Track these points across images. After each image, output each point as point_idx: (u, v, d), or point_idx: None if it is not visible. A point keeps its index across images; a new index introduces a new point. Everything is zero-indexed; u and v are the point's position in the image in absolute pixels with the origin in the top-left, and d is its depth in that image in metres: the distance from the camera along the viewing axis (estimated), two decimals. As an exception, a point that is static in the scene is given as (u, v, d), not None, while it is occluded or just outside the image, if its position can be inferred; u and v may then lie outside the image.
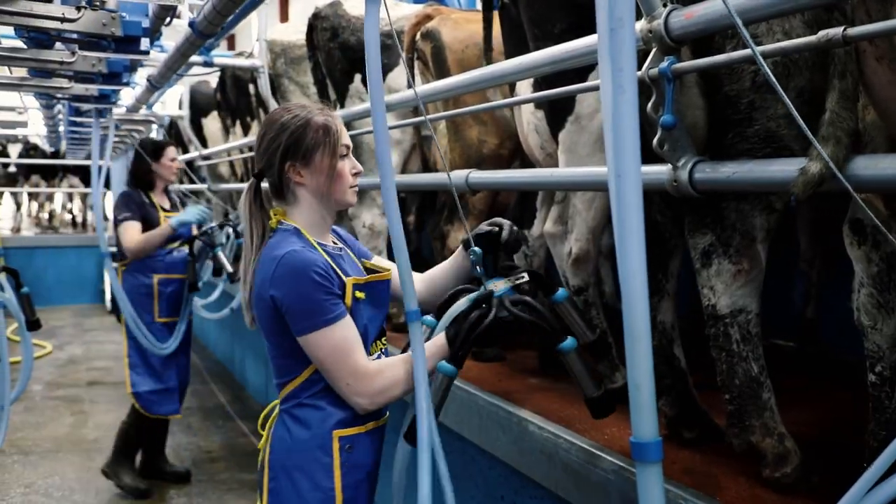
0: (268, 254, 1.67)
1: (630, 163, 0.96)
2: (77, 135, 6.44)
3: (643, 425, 0.99)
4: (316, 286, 1.60)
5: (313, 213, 1.74)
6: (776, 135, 1.65)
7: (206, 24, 2.81)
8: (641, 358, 0.99)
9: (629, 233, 0.97)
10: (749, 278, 1.75)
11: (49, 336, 9.19)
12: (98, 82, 3.16)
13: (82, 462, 5.05)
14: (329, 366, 1.62)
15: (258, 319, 1.71)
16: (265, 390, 6.26)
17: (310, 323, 1.60)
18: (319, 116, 1.72)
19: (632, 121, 0.96)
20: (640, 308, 0.98)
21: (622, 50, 0.94)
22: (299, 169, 1.70)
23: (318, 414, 1.68)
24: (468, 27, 3.20)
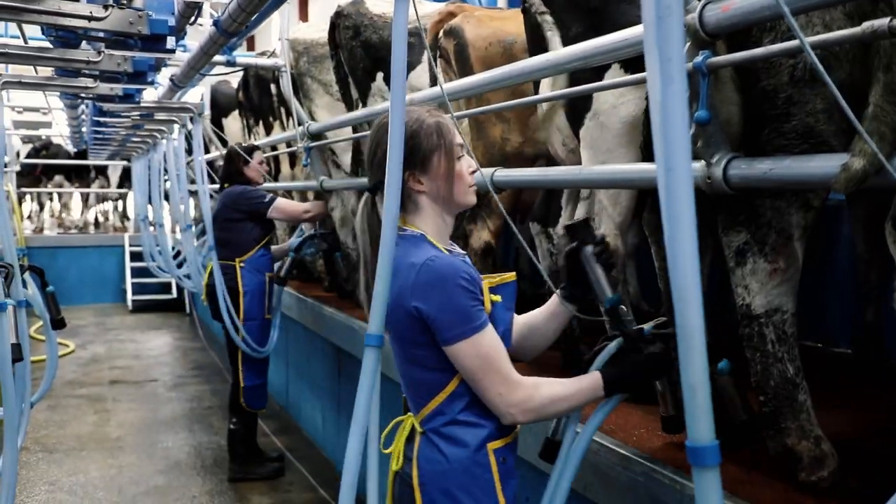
0: (400, 262, 1.58)
1: (681, 156, 0.93)
2: (100, 135, 6.49)
3: (699, 428, 0.95)
4: (464, 292, 1.55)
5: (436, 219, 1.69)
6: (814, 130, 1.61)
7: (230, 23, 2.81)
8: (696, 358, 0.96)
9: (680, 230, 0.93)
10: (785, 277, 1.72)
11: (72, 335, 9.26)
12: (123, 81, 3.17)
13: (105, 460, 5.08)
14: (480, 376, 1.55)
15: (394, 332, 1.63)
16: (286, 389, 6.28)
17: (459, 331, 1.53)
18: (430, 118, 1.67)
19: (681, 112, 0.93)
20: (694, 307, 0.94)
21: (670, 39, 0.90)
22: (418, 177, 1.65)
23: (470, 430, 1.61)
24: (491, 24, 3.17)
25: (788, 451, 1.74)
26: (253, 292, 4.45)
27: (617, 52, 2.02)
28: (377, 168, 1.64)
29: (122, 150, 8.66)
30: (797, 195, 1.69)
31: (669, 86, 0.92)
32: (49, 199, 14.22)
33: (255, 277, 4.45)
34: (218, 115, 7.20)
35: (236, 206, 4.37)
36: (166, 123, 5.56)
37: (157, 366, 7.90)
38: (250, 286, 4.43)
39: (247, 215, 4.35)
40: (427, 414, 1.62)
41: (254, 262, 4.46)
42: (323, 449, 5.22)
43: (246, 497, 4.50)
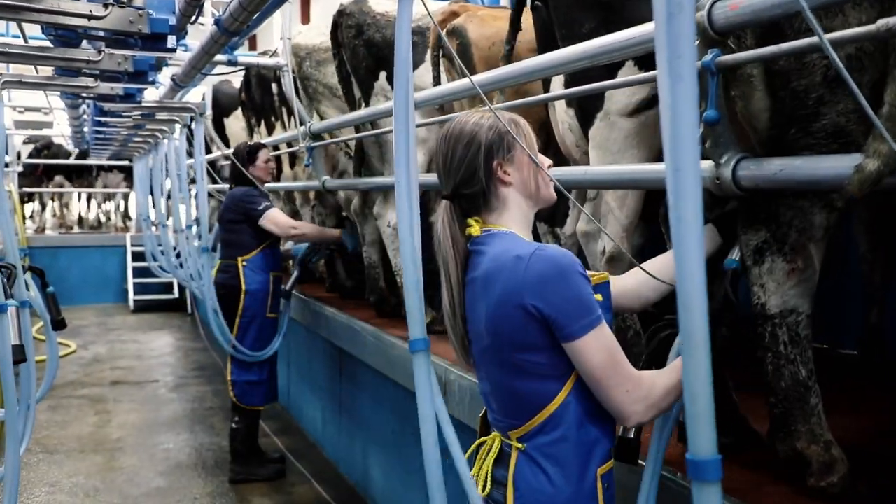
0: (503, 258, 1.47)
1: (689, 156, 0.91)
2: (102, 135, 6.47)
3: (700, 441, 0.92)
4: (584, 281, 1.42)
5: (523, 216, 1.59)
6: (844, 130, 1.58)
7: (232, 22, 2.78)
8: (699, 366, 0.93)
9: (687, 232, 0.91)
10: (802, 278, 1.69)
11: (73, 335, 9.25)
12: (124, 81, 3.15)
13: (105, 462, 5.06)
14: (607, 371, 1.41)
15: (494, 336, 1.49)
16: (287, 390, 6.25)
17: (587, 321, 1.40)
18: (503, 113, 1.60)
19: (691, 111, 0.90)
20: (698, 312, 0.92)
21: (681, 36, 0.88)
22: (506, 166, 1.55)
23: (581, 450, 1.46)
24: (495, 24, 3.14)
25: (798, 454, 1.71)
26: (254, 292, 4.45)
27: (625, 49, 1.98)
28: (457, 168, 1.56)
29: (123, 149, 8.65)
30: (820, 195, 1.65)
31: (679, 83, 0.89)
32: (51, 199, 14.22)
33: (258, 276, 4.45)
34: (219, 115, 7.18)
35: (236, 208, 4.38)
36: (168, 123, 5.54)
37: (158, 366, 7.88)
38: (252, 285, 4.42)
39: (244, 217, 4.35)
40: (531, 429, 1.47)
41: (256, 262, 4.46)
42: (324, 449, 5.20)
43: (247, 498, 4.48)
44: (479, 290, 1.53)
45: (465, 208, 1.60)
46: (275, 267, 4.56)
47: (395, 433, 3.98)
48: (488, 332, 1.51)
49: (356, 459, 4.56)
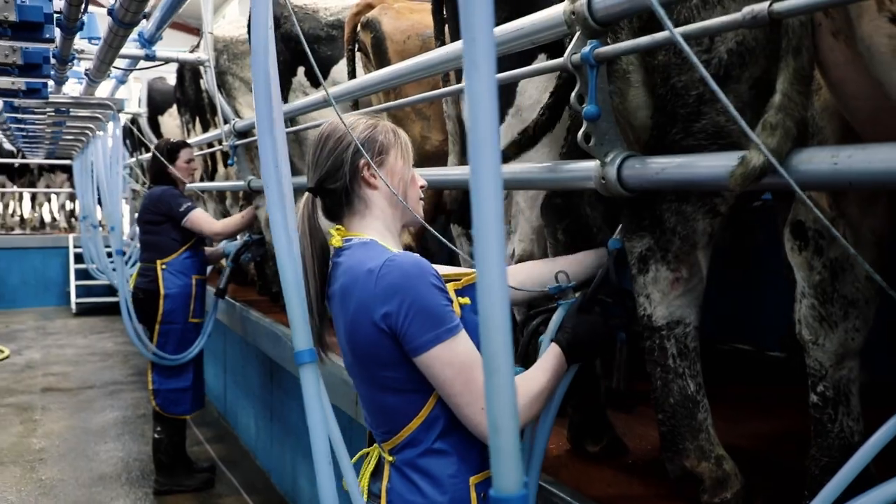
0: (356, 270, 1.40)
1: (487, 158, 0.78)
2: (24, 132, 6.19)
3: (504, 477, 0.80)
4: (434, 291, 1.33)
5: (386, 222, 1.52)
6: (725, 130, 1.49)
7: (124, 13, 2.61)
8: (503, 393, 0.81)
9: (487, 241, 0.79)
10: (688, 287, 1.59)
11: (9, 340, 8.93)
12: (15, 74, 2.95)
13: (23, 474, 4.83)
14: (458, 388, 1.32)
15: (356, 353, 1.42)
16: (224, 396, 6.07)
17: (433, 335, 1.31)
18: (385, 122, 1.56)
19: (489, 104, 0.78)
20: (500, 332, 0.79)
21: (475, 16, 0.76)
22: (372, 170, 1.49)
23: (449, 462, 1.40)
24: (411, 17, 3.02)
25: (687, 473, 1.61)
26: (174, 296, 4.26)
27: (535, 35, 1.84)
28: (324, 161, 1.51)
29: (57, 148, 8.33)
30: (703, 200, 1.56)
31: (474, 72, 0.77)
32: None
33: (178, 280, 4.25)
34: (154, 113, 6.95)
35: (156, 209, 4.18)
36: (93, 121, 5.31)
37: (95, 372, 7.61)
38: (171, 289, 4.23)
39: (166, 218, 4.15)
40: (399, 443, 1.42)
41: (177, 265, 4.27)
42: (256, 458, 5.03)
43: (162, 511, 4.30)
44: (338, 306, 1.47)
45: (327, 206, 1.55)
46: (197, 270, 4.36)
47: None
48: (349, 349, 1.45)
49: (286, 469, 4.41)
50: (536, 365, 1.47)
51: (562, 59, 1.59)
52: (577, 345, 1.48)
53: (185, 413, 4.47)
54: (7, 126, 6.28)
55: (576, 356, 1.49)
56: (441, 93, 2.33)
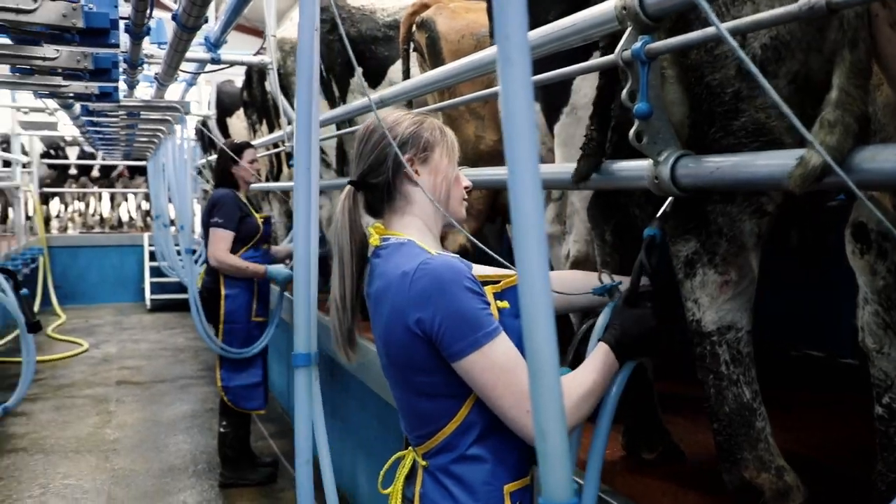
0: (391, 273, 1.37)
1: (525, 157, 0.76)
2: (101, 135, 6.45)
3: (554, 484, 0.78)
4: (469, 295, 1.30)
5: (427, 221, 1.49)
6: (766, 127, 1.42)
7: (187, 17, 2.68)
8: (549, 395, 0.79)
9: (527, 239, 0.77)
10: (738, 290, 1.52)
11: (88, 334, 9.33)
12: (86, 79, 3.07)
13: (99, 463, 5.04)
14: (500, 391, 1.28)
15: (391, 357, 1.41)
16: (287, 392, 6.18)
17: (470, 340, 1.28)
18: (433, 119, 1.54)
19: (525, 102, 0.76)
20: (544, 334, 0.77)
21: (508, 11, 0.74)
22: (417, 165, 1.48)
23: (484, 469, 1.36)
24: (466, 17, 3.01)
25: (746, 484, 1.55)
26: (235, 296, 4.34)
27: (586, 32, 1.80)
28: (368, 154, 1.49)
29: (131, 150, 8.66)
30: (749, 200, 1.49)
31: (509, 67, 0.75)
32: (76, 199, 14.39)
33: (240, 280, 4.33)
34: (223, 115, 7.13)
35: (211, 212, 4.27)
36: (163, 123, 5.48)
37: (166, 366, 7.88)
38: (232, 289, 4.32)
39: None
40: (433, 447, 1.40)
41: None
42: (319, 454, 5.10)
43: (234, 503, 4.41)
44: (374, 308, 1.46)
45: (369, 201, 1.53)
46: None
47: (377, 439, 3.87)
48: (384, 354, 1.44)
49: (345, 466, 4.46)
50: (584, 364, 1.42)
51: (612, 55, 1.54)
52: (626, 340, 1.40)
53: (258, 408, 4.57)
54: (86, 129, 6.55)
55: (626, 353, 1.41)
56: (494, 91, 2.30)
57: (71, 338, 9.03)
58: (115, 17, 2.32)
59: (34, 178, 11.08)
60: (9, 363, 7.17)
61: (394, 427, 3.77)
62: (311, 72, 1.52)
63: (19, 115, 8.77)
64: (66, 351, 8.39)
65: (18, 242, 10.11)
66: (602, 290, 1.56)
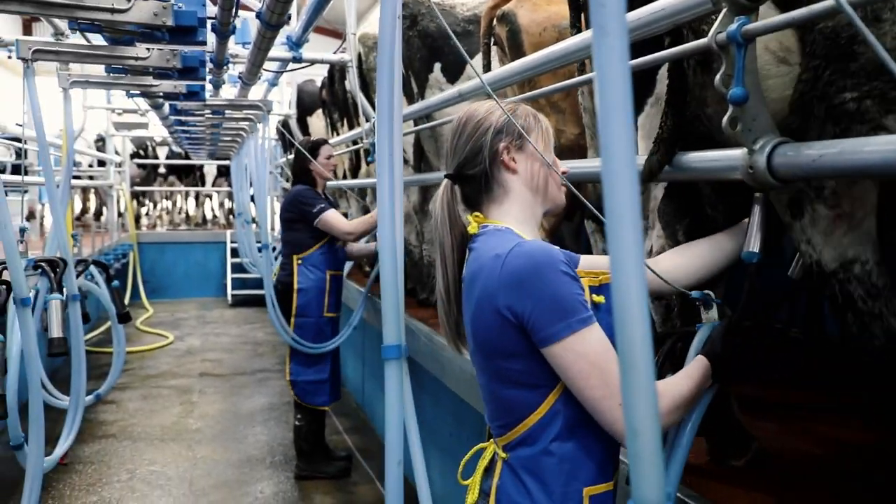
0: (484, 256, 1.35)
1: (619, 133, 0.72)
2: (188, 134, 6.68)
3: (645, 486, 0.74)
4: (565, 279, 1.26)
5: (525, 211, 1.46)
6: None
7: (270, 14, 2.73)
8: (641, 392, 0.74)
9: (621, 230, 0.73)
10: (853, 223, 1.42)
11: (174, 327, 9.68)
12: (174, 78, 3.17)
13: (182, 451, 5.20)
14: (594, 381, 1.23)
15: (477, 342, 1.38)
16: (361, 388, 6.25)
17: (564, 324, 1.24)
18: (526, 106, 1.53)
19: (621, 76, 0.72)
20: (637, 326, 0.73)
21: None
22: (514, 153, 1.46)
23: (564, 467, 1.32)
24: (548, 9, 2.96)
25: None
26: (308, 290, 4.41)
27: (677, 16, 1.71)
28: (462, 146, 1.48)
29: (216, 148, 8.95)
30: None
31: (602, 38, 0.71)
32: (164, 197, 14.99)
33: (312, 274, 4.41)
34: (303, 114, 7.28)
35: (293, 208, 4.36)
36: (246, 122, 5.63)
37: (246, 359, 8.09)
38: (305, 283, 4.39)
39: (300, 217, 4.33)
40: (514, 439, 1.36)
41: (312, 260, 4.42)
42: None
43: (309, 496, 4.48)
44: (467, 292, 1.43)
45: (466, 194, 1.51)
46: (333, 265, 4.49)
47: (452, 436, 3.86)
48: (473, 339, 1.42)
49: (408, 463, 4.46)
50: (682, 372, 1.37)
51: (705, 39, 1.48)
52: (730, 364, 1.36)
53: (323, 404, 4.61)
54: (174, 128, 6.80)
55: (724, 375, 1.37)
56: (575, 82, 2.24)
57: (158, 330, 9.39)
58: (203, 15, 2.38)
59: (126, 177, 11.58)
60: (101, 353, 7.50)
61: (469, 424, 3.75)
62: (392, 62, 1.51)
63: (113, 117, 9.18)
64: (153, 343, 8.73)
65: (111, 239, 10.58)
66: (701, 296, 1.51)
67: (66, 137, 3.51)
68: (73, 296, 2.97)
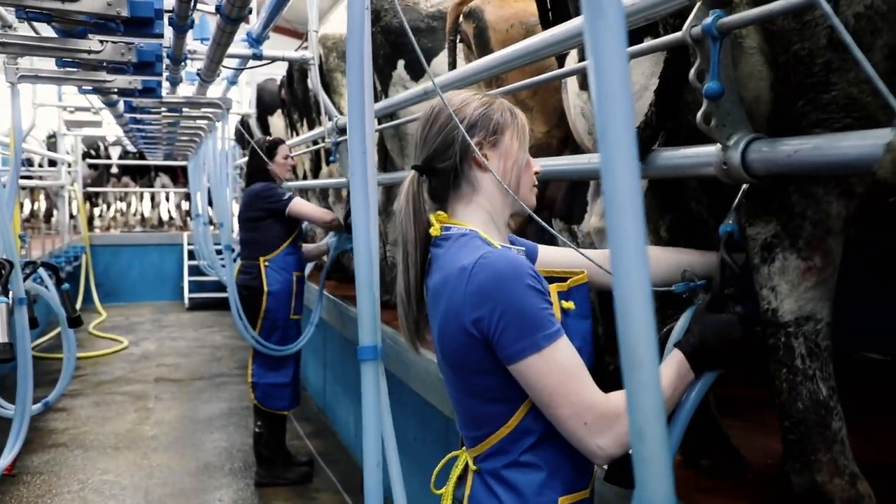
0: (449, 267, 1.29)
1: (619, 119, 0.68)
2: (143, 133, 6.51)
3: (653, 490, 0.70)
4: (531, 293, 1.22)
5: (494, 210, 1.40)
6: (858, 102, 1.32)
7: (231, 8, 2.65)
8: (647, 392, 0.70)
9: (622, 220, 0.69)
10: (821, 278, 1.42)
11: (128, 331, 9.44)
12: (130, 73, 3.06)
13: (137, 459, 5.05)
14: (558, 399, 1.19)
15: (446, 356, 1.33)
16: (323, 391, 6.16)
17: (529, 342, 1.20)
18: (503, 100, 1.46)
19: (618, 60, 0.68)
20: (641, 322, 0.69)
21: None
22: (486, 149, 1.39)
23: (536, 477, 1.28)
24: (514, 5, 2.93)
25: (817, 489, 1.45)
26: (277, 292, 4.33)
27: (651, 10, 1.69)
28: (433, 138, 1.40)
29: (172, 149, 8.75)
30: (837, 180, 1.39)
31: (600, 21, 0.67)
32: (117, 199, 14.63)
33: (280, 276, 4.32)
34: (264, 113, 7.15)
35: (257, 205, 4.27)
36: (204, 120, 5.50)
37: (204, 364, 7.92)
38: (275, 286, 4.30)
39: (267, 213, 4.23)
40: (485, 450, 1.32)
41: (279, 261, 4.34)
42: (354, 454, 5.06)
43: (269, 503, 4.38)
44: (432, 302, 1.38)
45: (433, 188, 1.44)
46: (297, 267, 4.43)
47: (416, 440, 3.81)
48: (439, 352, 1.36)
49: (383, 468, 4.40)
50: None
51: (679, 33, 1.46)
52: (704, 350, 1.27)
53: (283, 409, 4.52)
54: (129, 127, 6.62)
55: (703, 363, 1.28)
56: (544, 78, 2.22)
57: (111, 335, 9.14)
58: (160, 6, 2.30)
59: (78, 178, 11.27)
60: (51, 359, 7.26)
61: (433, 427, 3.70)
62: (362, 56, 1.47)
63: (65, 115, 8.92)
64: (107, 348, 8.49)
65: (62, 241, 10.27)
66: (685, 289, 1.44)
67: (14, 136, 3.38)
68: (20, 299, 2.84)
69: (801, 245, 1.44)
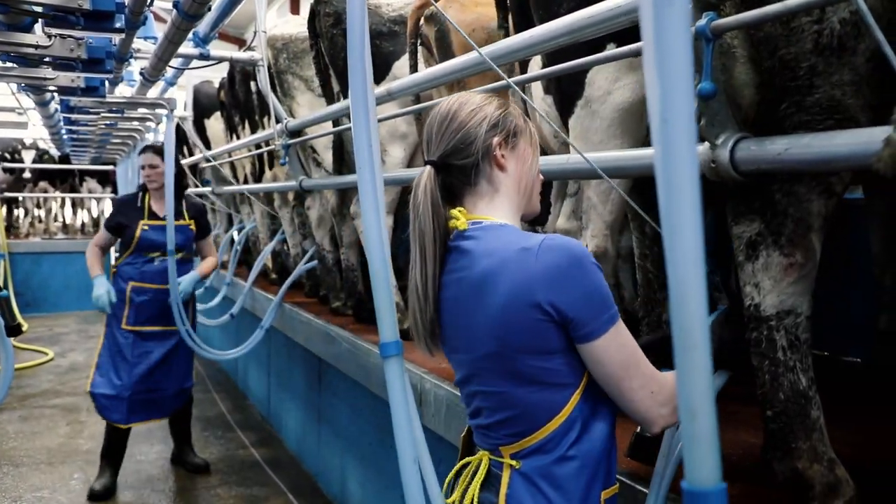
0: (503, 250, 1.27)
1: (681, 100, 0.70)
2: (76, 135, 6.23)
3: (701, 467, 0.72)
4: (601, 273, 1.25)
5: (511, 209, 1.39)
6: (841, 104, 1.39)
7: (190, 4, 2.58)
8: (698, 373, 0.72)
9: (680, 206, 0.71)
10: (802, 273, 1.49)
11: (53, 343, 9.02)
12: (78, 70, 2.94)
13: (72, 474, 4.83)
14: (632, 371, 1.24)
15: (508, 344, 1.27)
16: (267, 399, 6.03)
17: (606, 317, 1.23)
18: (515, 106, 1.45)
19: (683, 45, 0.70)
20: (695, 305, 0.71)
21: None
22: (505, 151, 1.38)
23: (584, 473, 1.27)
24: (475, 10, 2.97)
25: (798, 475, 1.51)
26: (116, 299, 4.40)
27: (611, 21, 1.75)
28: (452, 135, 1.37)
29: (103, 152, 8.42)
30: (818, 179, 1.46)
31: (668, 7, 0.69)
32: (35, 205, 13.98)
33: (116, 285, 4.47)
34: (200, 116, 6.98)
35: None
36: (143, 122, 5.32)
37: (137, 375, 7.62)
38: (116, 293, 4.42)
39: None
40: (529, 446, 1.29)
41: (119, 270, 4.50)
42: (302, 462, 4.98)
43: (217, 514, 4.26)
44: (471, 293, 1.32)
45: (448, 184, 1.40)
46: (132, 277, 4.41)
47: (372, 445, 3.77)
48: (494, 339, 1.29)
49: (334, 472, 4.35)
50: None
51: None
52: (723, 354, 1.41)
53: (118, 421, 4.37)
54: (58, 129, 6.34)
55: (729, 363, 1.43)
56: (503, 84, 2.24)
57: (35, 346, 8.71)
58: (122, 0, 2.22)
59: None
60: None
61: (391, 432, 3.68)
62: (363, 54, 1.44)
63: (-14, 115, 8.48)
64: (30, 360, 8.09)
65: (-22, 248, 9.75)
66: None
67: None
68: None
69: (784, 242, 1.50)
